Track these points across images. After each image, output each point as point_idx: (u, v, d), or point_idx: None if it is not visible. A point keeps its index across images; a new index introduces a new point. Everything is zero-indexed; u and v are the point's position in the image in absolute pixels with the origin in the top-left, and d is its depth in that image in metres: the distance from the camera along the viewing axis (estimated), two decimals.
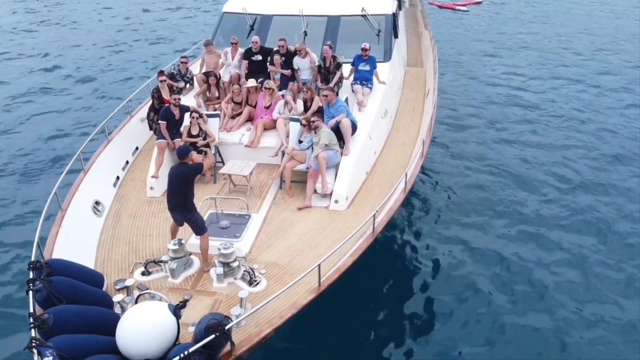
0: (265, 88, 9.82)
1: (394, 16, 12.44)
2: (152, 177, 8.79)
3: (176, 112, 9.15)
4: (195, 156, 7.00)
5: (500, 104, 16.27)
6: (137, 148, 10.22)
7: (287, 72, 10.44)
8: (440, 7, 28.31)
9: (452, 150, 13.38)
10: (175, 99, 9.14)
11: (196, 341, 4.91)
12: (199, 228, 6.94)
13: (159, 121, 9.21)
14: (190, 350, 4.71)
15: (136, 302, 5.87)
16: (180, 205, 6.85)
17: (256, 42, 10.63)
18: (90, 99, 17.53)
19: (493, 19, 26.61)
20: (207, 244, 6.98)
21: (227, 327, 4.93)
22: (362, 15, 11.78)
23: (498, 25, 25.34)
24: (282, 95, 9.95)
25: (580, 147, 13.55)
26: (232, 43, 10.94)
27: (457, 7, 28.30)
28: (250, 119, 10.06)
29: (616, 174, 12.28)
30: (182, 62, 10.93)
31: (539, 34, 23.78)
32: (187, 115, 9.30)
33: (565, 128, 14.63)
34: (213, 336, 4.82)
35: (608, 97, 16.79)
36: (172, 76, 10.70)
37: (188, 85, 10.95)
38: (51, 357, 4.38)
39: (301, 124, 8.83)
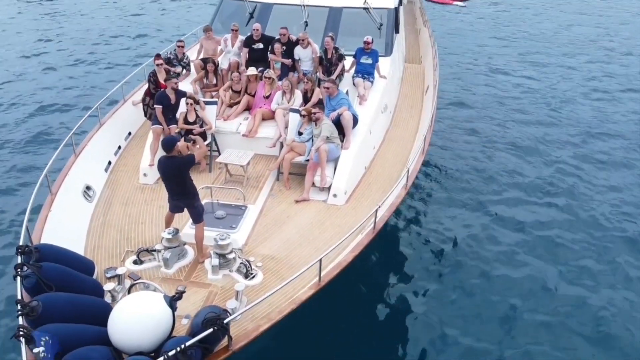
0: (265, 77, 9.60)
1: (397, 10, 12.28)
2: (149, 165, 8.53)
3: (172, 96, 8.89)
4: (181, 146, 6.52)
5: (499, 97, 16.21)
6: (130, 133, 9.95)
7: (288, 61, 10.22)
8: (435, 2, 28.10)
9: (450, 145, 13.28)
10: (172, 82, 8.86)
11: (193, 334, 4.72)
12: (198, 215, 6.72)
13: (155, 105, 8.94)
14: (187, 344, 4.52)
15: (129, 291, 5.67)
16: (183, 194, 6.62)
17: (257, 30, 10.38)
18: (83, 82, 17.14)
19: (490, 14, 26.59)
20: (202, 234, 6.76)
21: (225, 321, 4.74)
22: (365, 8, 11.60)
23: (495, 20, 25.35)
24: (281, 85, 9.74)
25: (583, 135, 13.68)
26: (232, 30, 10.67)
27: (455, 3, 28.17)
28: (248, 108, 9.84)
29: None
30: (178, 47, 10.63)
31: (537, 27, 23.84)
32: (183, 101, 9.05)
33: (567, 119, 14.67)
34: (211, 330, 4.63)
35: (612, 88, 16.95)
36: (168, 61, 10.41)
37: (185, 71, 10.67)
38: (43, 347, 4.14)
39: (301, 115, 8.63)
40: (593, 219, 10.50)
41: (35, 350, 4.24)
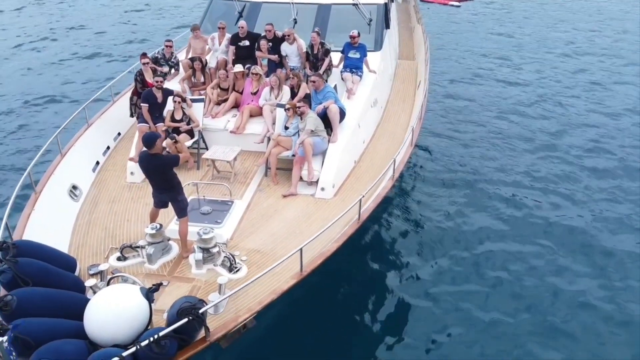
0: (252, 74, 9.56)
1: (386, 6, 12.24)
2: (130, 159, 8.49)
3: (158, 94, 8.87)
4: (158, 144, 6.44)
5: (492, 96, 16.12)
6: (119, 134, 9.92)
7: (275, 57, 10.18)
8: (430, 2, 28.09)
9: (442, 139, 13.21)
10: (157, 81, 8.84)
11: (168, 325, 4.64)
12: (182, 210, 6.70)
13: (141, 104, 8.91)
14: (161, 333, 4.44)
15: (107, 285, 5.60)
16: (166, 189, 6.63)
17: (242, 28, 10.35)
18: (72, 80, 17.18)
19: (485, 13, 26.54)
20: (186, 229, 6.71)
21: (200, 311, 4.66)
22: (354, 4, 11.56)
23: (491, 20, 25.29)
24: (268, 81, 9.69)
25: (575, 133, 13.61)
26: (219, 28, 10.66)
27: (450, 3, 28.15)
28: (236, 105, 9.79)
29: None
30: (166, 46, 10.61)
31: (530, 27, 23.77)
32: (170, 99, 9.02)
33: (559, 113, 14.61)
34: (186, 320, 4.55)
35: (605, 81, 16.97)
36: (156, 60, 10.39)
37: (173, 70, 10.64)
38: (6, 337, 4.09)
39: (285, 110, 8.58)
40: (587, 207, 10.46)
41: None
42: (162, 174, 6.57)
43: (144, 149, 6.55)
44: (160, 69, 10.16)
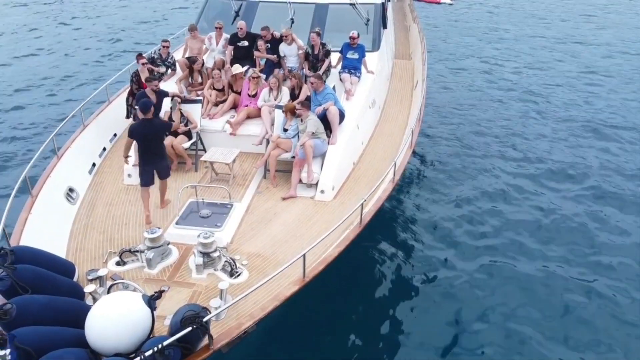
0: (252, 77, 9.46)
1: (383, 6, 12.20)
2: (133, 165, 8.39)
3: (153, 96, 8.75)
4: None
5: (487, 93, 16.20)
6: (115, 135, 9.81)
7: (273, 57, 10.10)
8: (423, 0, 28.14)
9: (440, 140, 13.20)
10: (154, 85, 8.73)
11: (172, 334, 4.57)
12: (167, 172, 7.59)
13: (136, 105, 8.80)
14: (165, 343, 4.37)
15: (108, 292, 5.53)
16: (158, 155, 7.38)
17: (242, 29, 10.27)
18: (68, 82, 16.99)
19: (479, 10, 26.62)
20: (166, 187, 7.72)
21: (204, 320, 4.60)
22: (351, 4, 11.50)
23: (484, 17, 25.41)
24: (267, 82, 9.61)
25: (572, 129, 13.71)
26: (216, 28, 10.56)
27: (442, 1, 28.22)
28: (235, 106, 9.70)
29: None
30: (163, 47, 10.50)
31: (522, 24, 23.91)
32: (167, 100, 8.92)
33: (556, 116, 14.63)
34: (190, 329, 4.48)
35: (602, 82, 17.08)
36: (152, 61, 10.28)
37: (170, 71, 10.54)
38: (8, 350, 4.01)
39: (283, 112, 8.53)
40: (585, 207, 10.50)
41: (1, 352, 4.10)
42: (160, 139, 7.40)
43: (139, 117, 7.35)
44: (156, 70, 10.05)
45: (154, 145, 7.30)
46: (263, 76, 9.79)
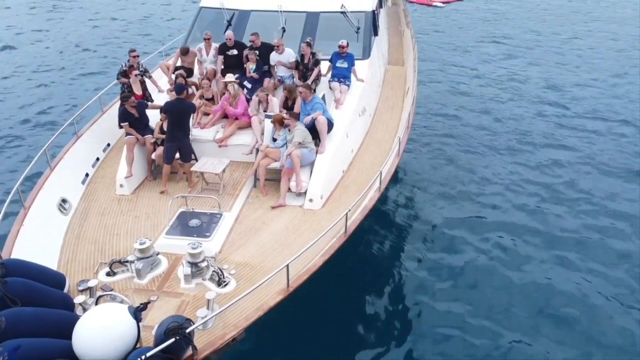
0: (228, 91, 9.51)
1: (374, 13, 12.30)
2: (125, 177, 8.54)
3: (133, 111, 8.91)
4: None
5: (479, 98, 16.33)
6: (108, 145, 9.94)
7: (256, 76, 10.12)
8: (415, 2, 28.27)
9: (430, 147, 13.32)
10: (130, 104, 8.87)
11: (156, 345, 4.71)
12: (189, 151, 8.65)
13: (121, 123, 8.97)
14: (149, 354, 4.50)
15: (96, 304, 5.65)
16: (183, 132, 8.55)
17: (230, 39, 10.41)
18: (61, 92, 17.14)
19: (472, 14, 26.76)
20: (190, 169, 8.59)
21: (187, 331, 4.73)
22: (342, 12, 11.62)
23: (477, 20, 25.56)
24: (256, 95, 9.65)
25: (565, 135, 13.89)
26: (205, 39, 10.69)
27: (434, 4, 28.38)
28: (226, 116, 9.82)
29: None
30: (132, 57, 10.20)
31: (516, 29, 24.03)
32: (156, 112, 9.08)
33: (546, 121, 14.78)
34: (173, 340, 4.61)
35: (596, 84, 17.31)
36: (124, 73, 10.13)
37: (146, 79, 10.49)
38: None
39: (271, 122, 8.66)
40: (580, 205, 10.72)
41: None
42: (188, 116, 8.64)
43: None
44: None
45: (182, 121, 8.52)
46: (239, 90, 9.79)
